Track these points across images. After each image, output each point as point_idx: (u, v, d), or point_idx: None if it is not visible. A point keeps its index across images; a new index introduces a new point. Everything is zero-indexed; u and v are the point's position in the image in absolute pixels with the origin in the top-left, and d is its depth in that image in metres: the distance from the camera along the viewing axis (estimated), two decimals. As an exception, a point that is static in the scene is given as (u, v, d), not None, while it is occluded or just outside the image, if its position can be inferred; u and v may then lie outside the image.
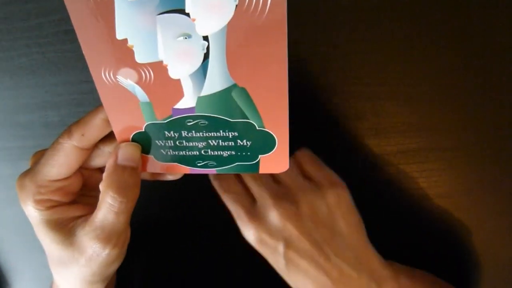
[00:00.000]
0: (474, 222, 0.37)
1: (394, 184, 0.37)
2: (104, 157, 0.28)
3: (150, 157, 0.27)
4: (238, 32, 0.21)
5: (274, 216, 0.29)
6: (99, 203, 0.26)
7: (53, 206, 0.27)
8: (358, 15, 0.33)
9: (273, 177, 0.31)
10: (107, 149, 0.27)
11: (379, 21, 0.33)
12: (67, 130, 0.26)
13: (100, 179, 0.26)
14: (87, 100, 0.37)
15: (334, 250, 0.29)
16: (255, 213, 0.29)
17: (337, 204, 0.30)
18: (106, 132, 0.26)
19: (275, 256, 0.29)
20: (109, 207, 0.25)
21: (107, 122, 0.26)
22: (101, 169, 0.30)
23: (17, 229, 0.43)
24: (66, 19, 0.35)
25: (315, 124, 0.36)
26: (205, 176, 0.36)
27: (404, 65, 0.34)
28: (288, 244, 0.29)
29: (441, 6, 0.32)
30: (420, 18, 0.32)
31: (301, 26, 0.33)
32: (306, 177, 0.31)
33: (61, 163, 0.26)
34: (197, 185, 0.38)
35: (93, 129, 0.26)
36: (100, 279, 0.28)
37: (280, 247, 0.29)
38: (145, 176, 0.29)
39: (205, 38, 0.21)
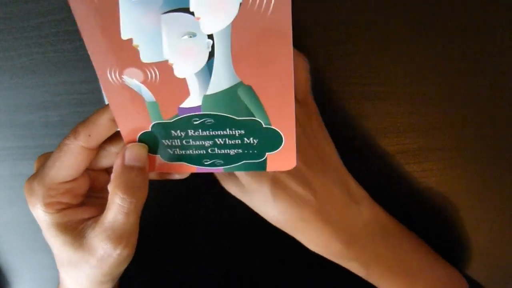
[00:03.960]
0: (474, 222, 0.37)
1: (394, 184, 0.37)
2: (110, 158, 0.28)
3: (157, 156, 0.27)
4: (243, 30, 0.21)
5: None
6: (108, 204, 0.26)
7: (62, 208, 0.27)
8: (358, 15, 0.33)
9: None
10: (113, 149, 0.27)
11: (379, 21, 0.33)
12: (73, 131, 0.26)
13: (106, 180, 0.26)
14: (87, 100, 0.37)
15: (320, 168, 0.29)
16: None
17: (320, 127, 0.30)
18: (113, 131, 0.26)
19: (262, 183, 0.28)
20: (118, 208, 0.25)
21: (113, 122, 0.26)
22: (107, 170, 0.30)
23: (17, 229, 0.43)
24: (66, 19, 0.35)
25: (315, 124, 0.36)
26: (205, 175, 0.36)
27: (404, 65, 0.34)
28: None
29: (441, 6, 0.32)
30: (421, 18, 0.32)
31: (301, 26, 0.33)
32: None
33: (69, 165, 0.26)
34: (197, 185, 0.38)
35: (100, 129, 0.26)
36: (110, 279, 0.28)
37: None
38: (152, 175, 0.29)
39: (210, 36, 0.21)
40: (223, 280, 0.41)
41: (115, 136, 0.27)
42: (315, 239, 0.29)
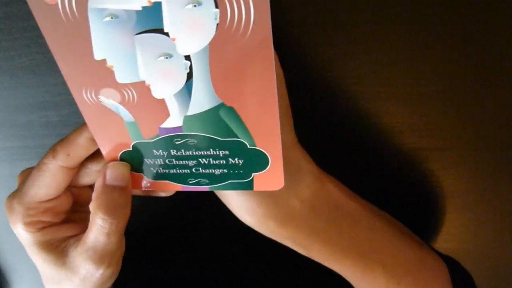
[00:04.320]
0: (474, 222, 0.37)
1: (394, 184, 0.37)
2: (92, 175, 0.27)
3: (140, 174, 0.26)
4: (221, 51, 0.20)
5: None
6: (89, 224, 0.25)
7: (44, 227, 0.27)
8: (358, 15, 0.33)
9: None
10: (94, 167, 0.27)
11: (379, 21, 0.33)
12: (51, 150, 0.25)
13: (91, 195, 0.26)
14: (87, 100, 0.37)
15: None
16: None
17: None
18: (92, 150, 0.26)
19: None
20: (100, 229, 0.25)
21: (92, 141, 0.25)
22: (91, 186, 0.29)
23: (17, 229, 0.43)
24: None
25: (314, 125, 0.36)
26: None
27: (404, 65, 0.34)
28: None
29: (441, 6, 0.32)
30: (420, 18, 0.32)
31: (301, 26, 0.33)
32: None
33: (48, 184, 0.26)
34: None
35: (79, 148, 0.25)
36: None
37: None
38: (136, 192, 0.28)
39: (187, 57, 0.21)
40: (214, 284, 0.41)
41: (97, 154, 0.26)
42: (244, 208, 0.27)
